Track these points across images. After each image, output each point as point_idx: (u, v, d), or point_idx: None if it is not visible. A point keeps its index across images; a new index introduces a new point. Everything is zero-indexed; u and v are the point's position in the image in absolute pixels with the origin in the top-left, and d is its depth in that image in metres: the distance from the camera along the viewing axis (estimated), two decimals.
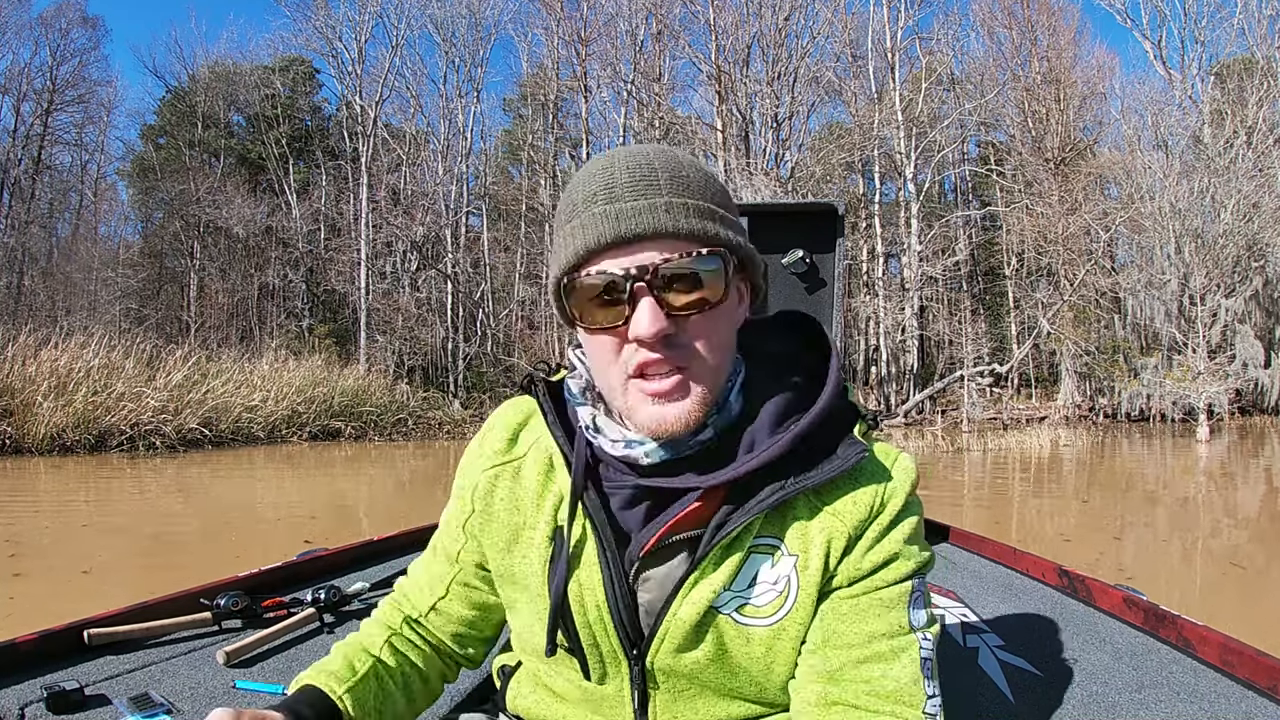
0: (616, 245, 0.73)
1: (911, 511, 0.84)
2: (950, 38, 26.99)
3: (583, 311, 0.77)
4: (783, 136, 25.02)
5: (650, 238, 0.73)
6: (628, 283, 0.73)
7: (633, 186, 0.74)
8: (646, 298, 0.73)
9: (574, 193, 0.78)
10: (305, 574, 2.26)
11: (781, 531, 0.82)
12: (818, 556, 0.80)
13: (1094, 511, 8.11)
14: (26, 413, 12.72)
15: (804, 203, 2.04)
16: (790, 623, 0.81)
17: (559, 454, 0.87)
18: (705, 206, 0.76)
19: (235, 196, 26.83)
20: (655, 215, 0.73)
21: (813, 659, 0.81)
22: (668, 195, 0.74)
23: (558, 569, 0.85)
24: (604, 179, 0.75)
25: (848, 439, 0.82)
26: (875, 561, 0.81)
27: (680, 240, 0.74)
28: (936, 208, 27.51)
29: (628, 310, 0.74)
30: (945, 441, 15.79)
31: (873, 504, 0.82)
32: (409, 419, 19.65)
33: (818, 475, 0.79)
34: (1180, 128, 23.78)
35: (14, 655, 1.49)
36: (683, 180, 0.76)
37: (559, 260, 0.78)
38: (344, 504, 9.32)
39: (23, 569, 5.33)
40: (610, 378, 0.79)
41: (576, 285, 0.76)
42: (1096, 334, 22.72)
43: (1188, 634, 1.65)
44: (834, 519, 0.81)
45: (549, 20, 27.48)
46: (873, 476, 0.83)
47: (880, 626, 0.79)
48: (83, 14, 27.72)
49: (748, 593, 0.81)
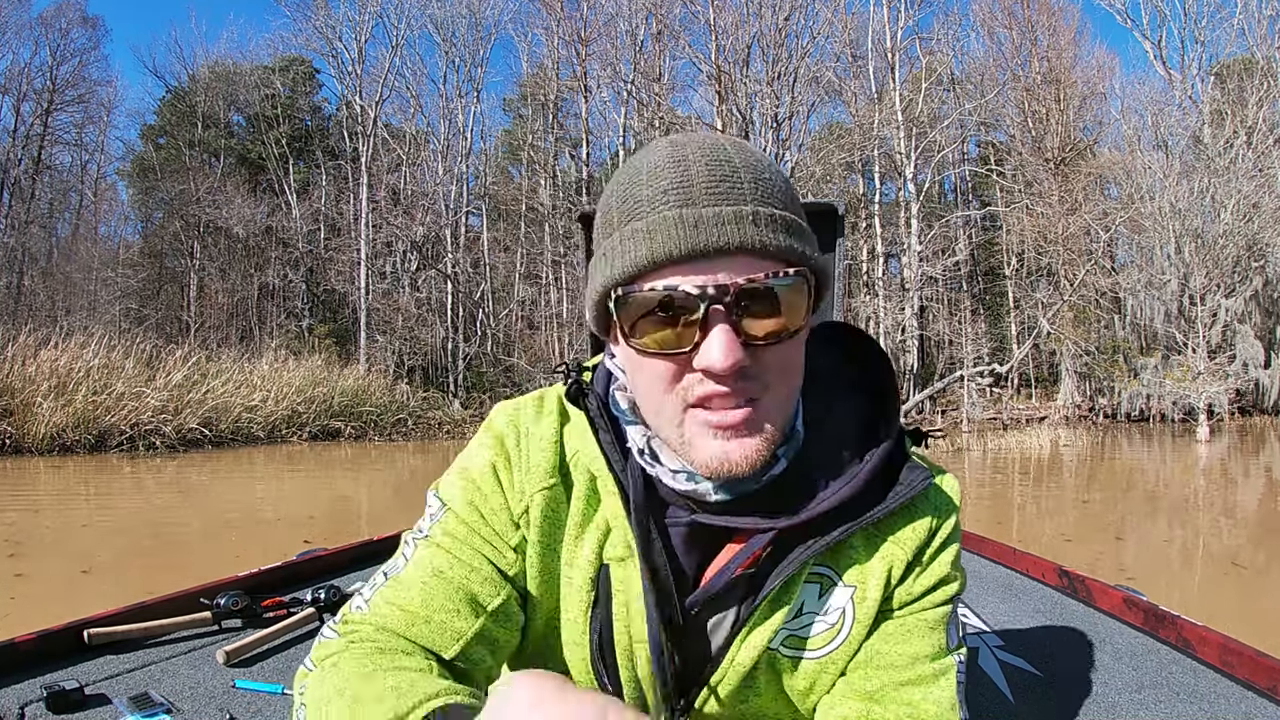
0: (690, 258, 0.62)
1: (957, 536, 0.80)
2: (950, 38, 27.01)
3: (637, 329, 0.65)
4: (783, 136, 24.99)
5: (733, 252, 0.63)
6: (703, 304, 0.62)
7: (712, 189, 0.64)
8: (723, 323, 0.62)
9: (637, 186, 0.67)
10: (305, 574, 2.27)
11: (835, 560, 0.76)
12: (877, 587, 0.75)
13: (1094, 512, 8.11)
14: (26, 412, 12.72)
15: (805, 203, 2.03)
16: (841, 654, 0.76)
17: (609, 479, 0.75)
18: (790, 219, 0.66)
19: (235, 196, 26.83)
20: (741, 227, 0.62)
21: (852, 677, 0.76)
22: (753, 203, 0.64)
23: (598, 614, 0.76)
24: (677, 175, 0.65)
25: (909, 465, 0.75)
26: (926, 585, 0.77)
27: (765, 259, 0.64)
28: (936, 208, 27.50)
29: (698, 335, 0.63)
30: (945, 442, 15.79)
31: (930, 527, 0.77)
32: (409, 419, 19.65)
33: (885, 506, 0.72)
34: (1180, 128, 23.79)
35: (14, 655, 1.49)
36: (766, 185, 0.66)
37: (614, 266, 0.66)
38: (344, 504, 9.32)
39: (23, 569, 5.33)
40: (663, 405, 0.68)
41: (634, 298, 0.65)
42: (1096, 334, 22.72)
43: (1188, 634, 1.65)
44: (895, 546, 0.76)
45: (549, 20, 27.50)
46: (928, 499, 0.78)
47: (924, 648, 0.75)
48: (83, 14, 27.74)
49: (796, 624, 0.76)
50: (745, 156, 0.67)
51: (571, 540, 0.78)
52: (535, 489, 0.78)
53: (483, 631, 0.75)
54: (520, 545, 0.78)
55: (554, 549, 0.78)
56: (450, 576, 0.76)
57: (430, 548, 0.78)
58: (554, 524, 0.78)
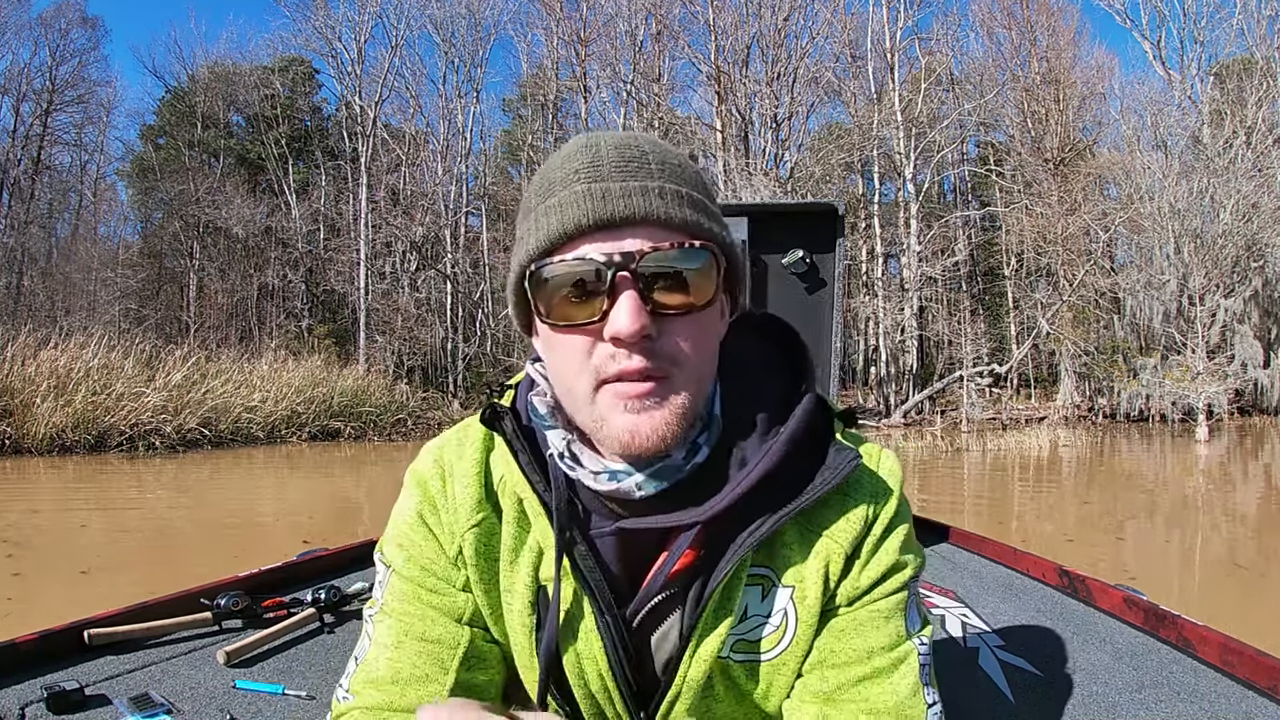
0: (599, 229, 0.64)
1: (903, 517, 0.77)
2: (949, 38, 27.04)
3: (551, 306, 0.67)
4: (782, 137, 25.03)
5: (639, 223, 0.64)
6: (610, 270, 0.63)
7: (621, 167, 0.66)
8: (629, 290, 0.63)
9: (551, 171, 0.69)
10: (305, 574, 2.26)
11: (771, 559, 0.75)
12: (815, 584, 0.74)
13: (1094, 512, 8.11)
14: (26, 413, 12.71)
15: (804, 203, 2.04)
16: (790, 656, 0.75)
17: (534, 500, 0.74)
18: (697, 198, 0.68)
19: (235, 197, 26.84)
20: (647, 198, 0.64)
21: (809, 678, 0.74)
22: (660, 180, 0.66)
23: (545, 636, 0.74)
24: (588, 156, 0.67)
25: (835, 446, 0.74)
26: (874, 576, 0.75)
27: (671, 230, 0.65)
28: (936, 208, 27.52)
29: (605, 304, 0.64)
30: (944, 442, 15.80)
31: (866, 516, 0.75)
32: (408, 419, 19.65)
33: (812, 491, 0.71)
34: (1179, 128, 23.81)
35: (14, 655, 1.49)
36: (674, 167, 0.68)
37: (528, 244, 0.68)
38: (343, 504, 9.32)
39: (21, 569, 5.32)
40: (576, 385, 0.68)
41: (546, 273, 0.66)
42: (1096, 334, 22.74)
43: (1188, 634, 1.65)
44: (829, 540, 0.74)
45: (548, 20, 27.52)
46: (860, 485, 0.76)
47: (879, 640, 0.73)
48: (82, 14, 27.76)
49: (743, 629, 0.75)
50: (655, 145, 0.69)
51: (508, 567, 0.77)
52: (464, 528, 0.77)
53: (458, 681, 0.76)
54: (466, 584, 0.78)
55: (495, 580, 0.78)
56: (408, 644, 0.77)
57: (385, 620, 0.79)
58: (489, 557, 0.78)
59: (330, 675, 1.67)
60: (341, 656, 1.78)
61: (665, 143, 0.71)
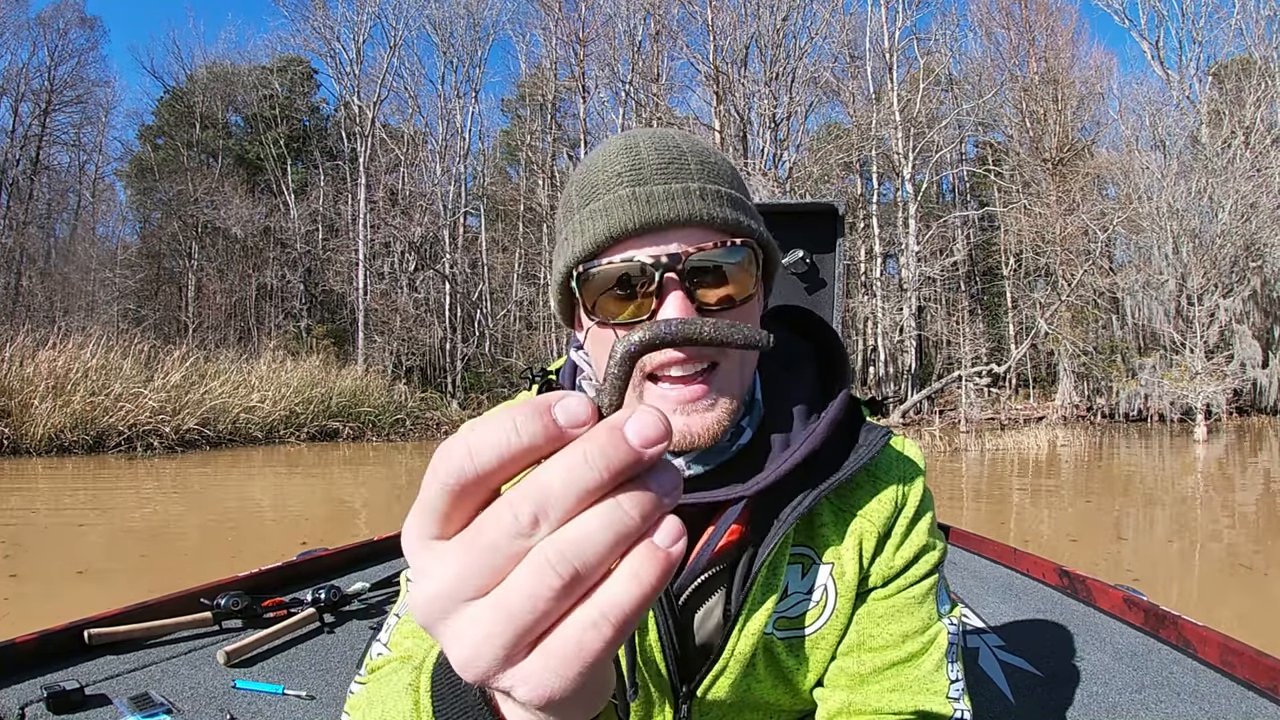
0: (645, 231, 0.67)
1: (930, 502, 0.83)
2: (948, 38, 27.05)
3: (598, 304, 0.70)
4: (780, 137, 25.01)
5: (682, 224, 0.67)
6: (657, 272, 0.66)
7: (662, 169, 0.68)
8: (677, 290, 0.67)
9: (592, 174, 0.71)
10: (305, 574, 2.26)
11: (811, 539, 0.79)
12: (852, 561, 0.78)
13: (1093, 512, 8.12)
14: (24, 413, 12.69)
15: (805, 203, 2.04)
16: (829, 630, 0.79)
17: None
18: (736, 196, 0.72)
19: (233, 197, 26.82)
20: (689, 201, 0.67)
21: (845, 661, 0.78)
22: (700, 180, 0.69)
23: None
24: (629, 159, 0.69)
25: (866, 426, 0.79)
26: (906, 558, 0.79)
27: (713, 230, 0.69)
28: (934, 208, 27.54)
29: (654, 303, 0.67)
30: (943, 442, 15.80)
31: (896, 499, 0.80)
32: (407, 419, 19.64)
33: (849, 466, 0.75)
34: (1178, 128, 23.82)
35: (14, 655, 1.49)
36: (713, 166, 0.71)
37: (574, 245, 0.70)
38: (342, 505, 9.31)
39: (18, 570, 5.31)
40: None
41: (595, 274, 0.68)
42: (1094, 334, 22.75)
43: (1188, 634, 1.65)
44: (863, 520, 0.79)
45: (547, 20, 27.50)
46: (890, 469, 0.81)
47: (913, 624, 0.78)
48: (81, 14, 27.73)
49: (785, 606, 0.78)
50: (692, 144, 0.72)
51: None
52: None
53: None
54: None
55: None
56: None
57: None
58: None
59: (330, 675, 1.67)
60: (341, 656, 1.77)
61: (701, 140, 0.74)
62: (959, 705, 0.76)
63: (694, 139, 0.73)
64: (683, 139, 0.72)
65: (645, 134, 0.72)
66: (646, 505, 0.28)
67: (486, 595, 0.27)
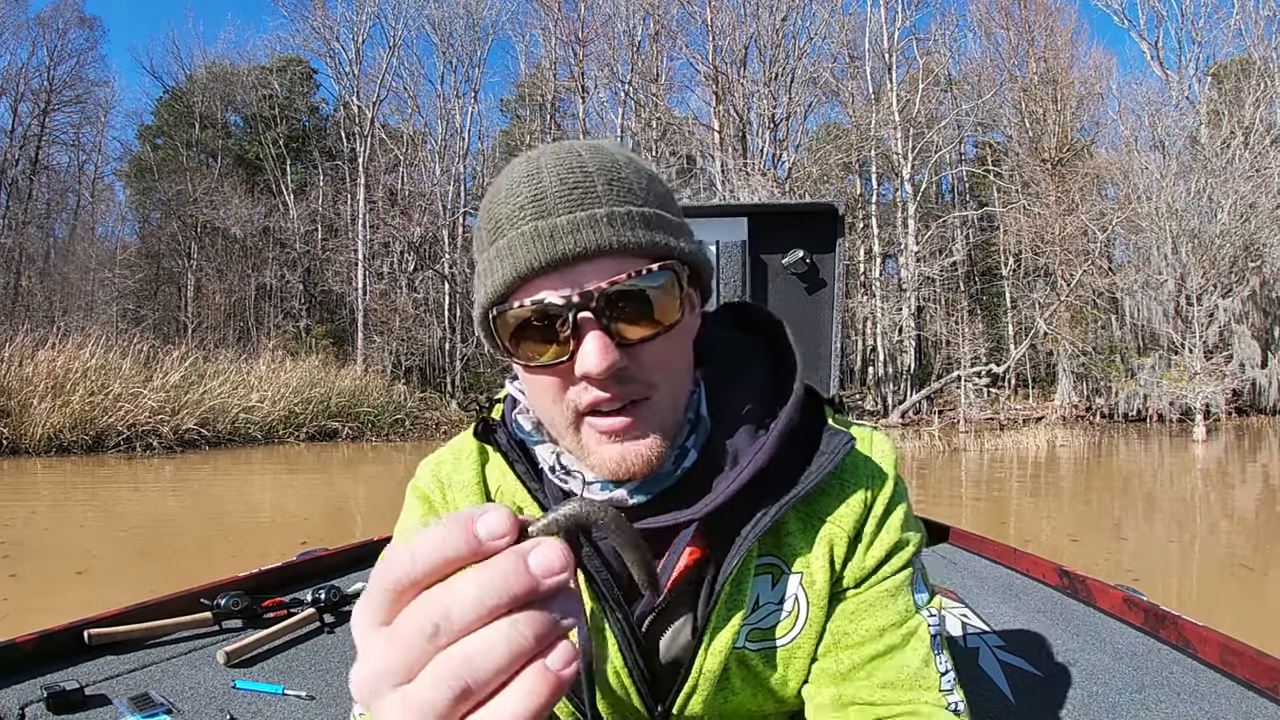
0: (552, 268, 0.62)
1: (900, 495, 0.79)
2: (947, 38, 27.09)
3: (518, 346, 0.66)
4: (780, 137, 25.04)
5: (592, 256, 0.62)
6: (570, 312, 0.62)
7: (565, 196, 0.63)
8: (593, 330, 0.62)
9: (497, 205, 0.66)
10: (305, 574, 2.26)
11: (778, 548, 0.76)
12: (822, 570, 0.75)
13: (1093, 512, 8.12)
14: (23, 413, 12.69)
15: (805, 203, 2.04)
16: (805, 639, 0.77)
17: (534, 508, 0.75)
18: (651, 214, 0.66)
19: (232, 197, 26.82)
20: (596, 230, 0.62)
21: (825, 662, 0.76)
22: (607, 204, 0.63)
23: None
24: (531, 189, 0.64)
25: (828, 431, 0.75)
26: (879, 557, 0.77)
27: (627, 256, 0.64)
28: (934, 208, 27.55)
29: (573, 344, 0.63)
30: (942, 442, 15.80)
31: (865, 500, 0.76)
32: (406, 419, 19.64)
33: (810, 479, 0.72)
34: (1177, 128, 23.84)
35: (14, 655, 1.49)
36: (622, 184, 0.65)
37: (486, 287, 0.66)
38: (341, 504, 9.31)
39: (17, 570, 5.31)
40: (556, 417, 0.69)
41: (508, 317, 0.64)
42: (1093, 334, 22.77)
43: (1188, 634, 1.65)
44: (831, 526, 0.76)
45: (546, 21, 27.52)
46: (857, 470, 0.77)
47: (889, 618, 0.75)
48: (80, 14, 27.74)
49: (756, 618, 0.76)
50: (601, 159, 0.66)
51: None
52: None
53: None
54: None
55: None
56: None
57: None
58: None
59: (330, 675, 1.67)
60: (341, 657, 1.77)
61: (612, 148, 0.69)
62: (952, 698, 0.75)
63: (604, 152, 0.67)
64: (590, 156, 0.66)
65: (550, 157, 0.66)
66: (542, 628, 0.30)
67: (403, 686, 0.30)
